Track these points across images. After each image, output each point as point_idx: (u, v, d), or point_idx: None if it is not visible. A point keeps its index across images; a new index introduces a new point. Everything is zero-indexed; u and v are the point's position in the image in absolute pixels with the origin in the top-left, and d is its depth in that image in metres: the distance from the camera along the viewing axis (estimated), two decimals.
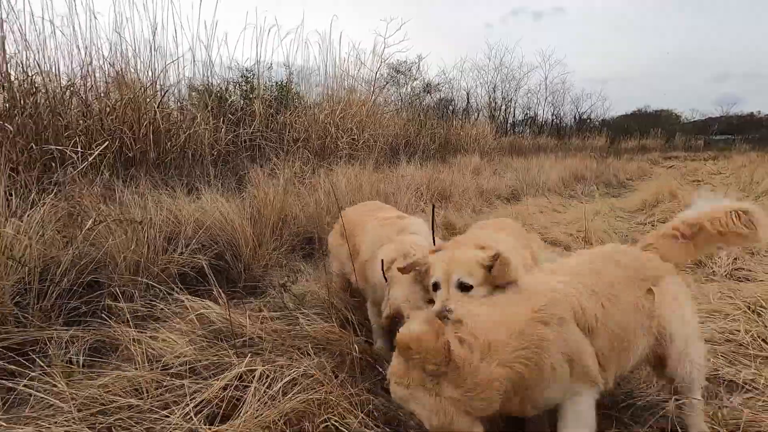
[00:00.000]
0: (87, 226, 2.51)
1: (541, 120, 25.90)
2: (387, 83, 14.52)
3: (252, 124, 5.43)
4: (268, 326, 2.10)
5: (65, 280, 2.23)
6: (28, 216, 2.37)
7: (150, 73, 4.15)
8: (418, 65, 18.07)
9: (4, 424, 1.42)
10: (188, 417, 1.46)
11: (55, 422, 1.42)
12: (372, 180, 5.30)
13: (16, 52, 3.72)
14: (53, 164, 3.60)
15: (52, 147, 3.51)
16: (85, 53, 3.88)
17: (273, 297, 2.75)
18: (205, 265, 2.63)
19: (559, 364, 1.33)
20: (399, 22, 10.40)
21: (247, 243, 3.24)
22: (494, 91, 23.93)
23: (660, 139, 29.28)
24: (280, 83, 7.06)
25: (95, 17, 3.90)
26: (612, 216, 6.01)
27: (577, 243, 4.59)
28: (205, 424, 1.46)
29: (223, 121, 5.03)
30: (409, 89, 17.73)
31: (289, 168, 4.76)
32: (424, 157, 8.96)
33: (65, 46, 3.73)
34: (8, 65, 3.68)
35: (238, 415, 1.47)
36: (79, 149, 3.52)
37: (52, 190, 2.98)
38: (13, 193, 2.81)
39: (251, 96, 6.38)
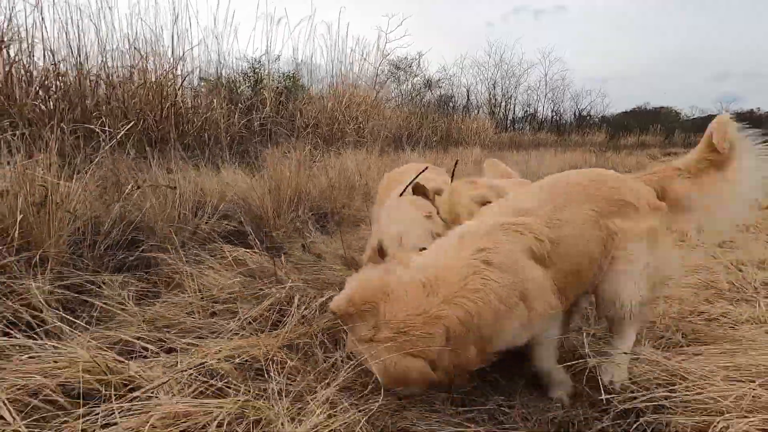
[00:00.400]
0: (126, 191, 2.78)
1: (540, 116, 26.24)
2: (387, 79, 14.84)
3: (263, 111, 5.70)
4: (297, 272, 2.38)
5: (113, 232, 2.51)
6: (75, 180, 2.64)
7: (171, 59, 4.43)
8: (419, 62, 18.37)
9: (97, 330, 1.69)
10: (241, 326, 1.73)
11: (130, 331, 1.69)
12: (378, 164, 5.58)
13: (46, 37, 3.99)
14: (81, 142, 3.88)
15: (82, 125, 3.79)
16: (109, 38, 4.16)
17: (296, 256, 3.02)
18: (241, 225, 2.91)
19: (513, 302, 1.29)
20: (400, 17, 10.72)
21: (267, 213, 3.52)
22: (494, 88, 24.29)
23: (659, 136, 29.59)
24: (287, 74, 7.35)
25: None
26: None
27: None
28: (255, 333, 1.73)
29: (236, 107, 5.30)
30: (409, 86, 18.07)
31: (300, 151, 5.05)
32: (426, 147, 9.25)
33: (91, 30, 3.99)
34: (32, 51, 3.96)
35: (283, 326, 1.75)
36: (106, 128, 3.80)
37: (89, 162, 3.26)
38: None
39: (259, 86, 6.67)
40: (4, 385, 1.19)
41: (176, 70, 4.45)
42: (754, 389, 1.18)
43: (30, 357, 1.36)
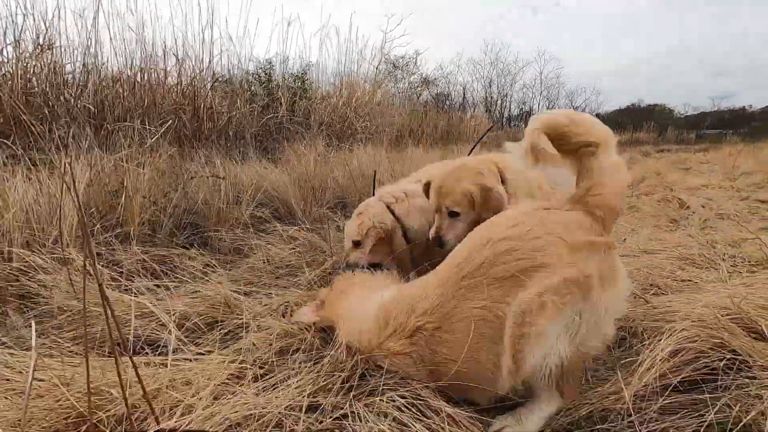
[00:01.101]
0: (184, 180, 3.24)
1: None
2: (385, 78, 15.31)
3: (279, 110, 6.15)
4: (339, 247, 2.86)
5: (180, 211, 2.97)
6: (142, 172, 3.10)
7: (200, 63, 4.88)
8: (416, 60, 18.89)
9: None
10: (309, 280, 2.21)
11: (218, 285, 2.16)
12: (388, 159, 6.06)
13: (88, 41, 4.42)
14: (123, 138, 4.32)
15: (122, 124, 4.23)
16: (145, 44, 4.60)
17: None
18: (276, 211, 3.37)
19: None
20: (399, 17, 11.18)
21: (297, 202, 3.98)
22: (490, 86, 24.84)
23: (652, 133, 30.35)
24: (297, 75, 7.80)
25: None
26: None
27: None
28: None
29: (253, 106, 5.76)
30: (406, 84, 18.55)
31: (317, 147, 5.52)
32: (427, 144, 9.75)
33: (131, 35, 4.44)
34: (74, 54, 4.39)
35: None
36: (147, 126, 4.25)
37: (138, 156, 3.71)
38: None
39: (270, 86, 7.12)
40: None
41: (204, 73, 4.90)
42: (695, 309, 1.68)
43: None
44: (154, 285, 2.10)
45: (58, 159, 3.16)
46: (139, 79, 4.52)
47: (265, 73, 7.80)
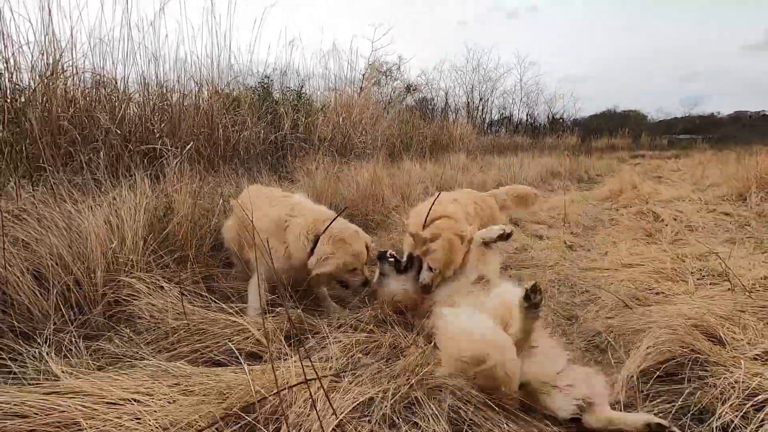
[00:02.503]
0: (221, 202, 3.62)
1: (516, 120, 27.78)
2: (372, 85, 15.77)
3: (281, 126, 6.53)
4: None
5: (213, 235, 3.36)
6: (185, 196, 3.46)
7: (212, 86, 5.22)
8: (399, 66, 19.42)
9: None
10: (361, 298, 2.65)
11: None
12: (386, 174, 6.52)
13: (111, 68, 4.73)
14: (144, 160, 4.64)
15: (145, 147, 4.56)
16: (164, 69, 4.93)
17: None
18: None
19: None
20: (386, 27, 11.61)
21: None
22: (472, 92, 25.59)
23: (627, 139, 31.74)
24: (296, 90, 8.17)
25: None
26: (584, 203, 7.46)
27: (558, 222, 5.96)
28: None
29: (260, 125, 6.13)
30: (390, 89, 19.07)
31: (322, 163, 5.93)
32: (418, 155, 10.25)
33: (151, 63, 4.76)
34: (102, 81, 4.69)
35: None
36: (169, 147, 4.58)
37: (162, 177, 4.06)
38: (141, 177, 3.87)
39: (270, 101, 7.47)
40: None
41: (222, 95, 5.25)
42: (667, 320, 2.21)
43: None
44: (215, 302, 2.50)
45: (104, 185, 3.50)
46: (159, 103, 4.84)
47: (264, 88, 8.15)
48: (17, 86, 4.35)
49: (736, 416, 1.66)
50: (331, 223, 2.65)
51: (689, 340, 2.08)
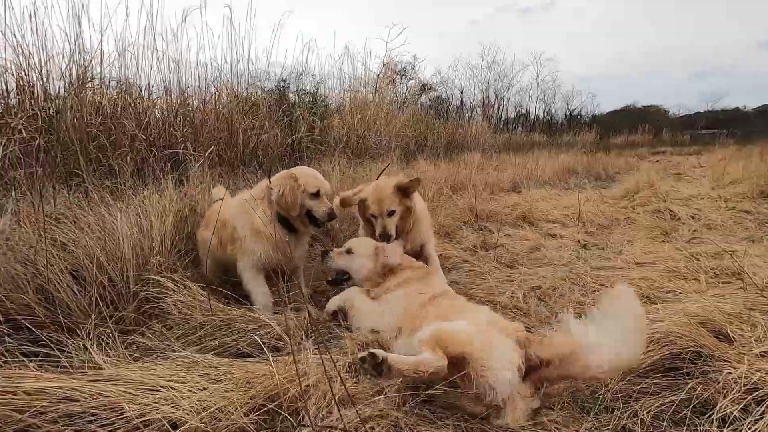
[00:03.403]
0: None
1: (533, 117, 27.55)
2: (387, 85, 15.91)
3: (298, 129, 6.70)
4: None
5: None
6: (206, 199, 3.64)
7: (232, 92, 5.42)
8: (413, 65, 19.51)
9: None
10: None
11: None
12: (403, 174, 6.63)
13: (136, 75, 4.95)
14: (167, 165, 4.85)
15: (169, 151, 4.77)
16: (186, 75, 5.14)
17: None
18: None
19: None
20: (400, 27, 11.69)
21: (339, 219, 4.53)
22: (487, 90, 25.50)
23: (647, 135, 31.11)
24: (311, 92, 8.34)
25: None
26: (600, 202, 7.44)
27: (573, 221, 5.98)
28: None
29: (277, 128, 6.31)
30: (404, 88, 19.17)
31: (338, 165, 6.07)
32: (432, 155, 10.34)
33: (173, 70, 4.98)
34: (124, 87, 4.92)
35: None
36: (191, 151, 4.78)
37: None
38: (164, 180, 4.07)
39: (284, 104, 7.66)
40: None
41: (241, 100, 5.44)
42: (673, 317, 2.28)
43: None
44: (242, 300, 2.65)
45: (131, 188, 3.70)
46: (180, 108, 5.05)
47: (280, 91, 8.35)
48: (49, 95, 4.61)
49: (736, 409, 1.72)
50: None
51: (694, 336, 2.14)
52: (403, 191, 3.09)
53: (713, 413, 1.73)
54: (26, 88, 4.42)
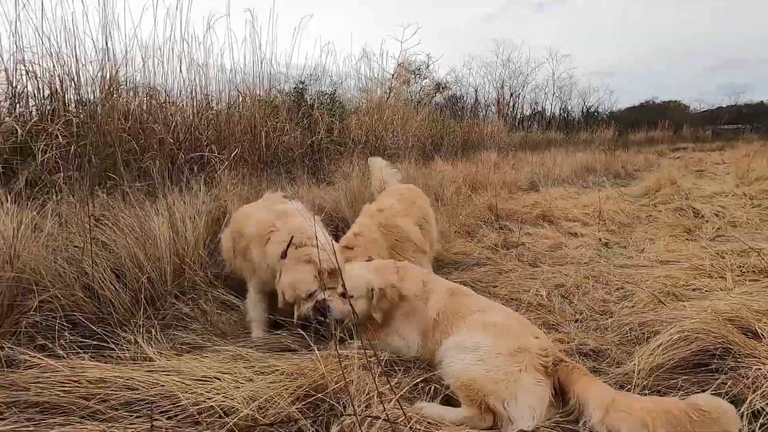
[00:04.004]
0: None
1: (549, 114, 27.28)
2: (401, 85, 15.98)
3: (316, 130, 6.82)
4: None
5: None
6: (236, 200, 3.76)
7: (255, 95, 5.56)
8: (428, 65, 19.53)
9: None
10: None
11: None
12: (419, 175, 6.70)
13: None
14: (194, 167, 5.00)
15: (196, 154, 4.92)
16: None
17: None
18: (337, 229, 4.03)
19: None
20: (414, 27, 11.73)
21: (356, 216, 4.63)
22: (502, 87, 25.37)
23: (667, 131, 30.54)
24: (329, 93, 8.46)
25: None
26: (620, 200, 7.40)
27: (593, 220, 5.98)
28: None
29: (297, 129, 6.43)
30: (418, 87, 19.21)
31: (355, 165, 6.17)
32: (449, 154, 10.38)
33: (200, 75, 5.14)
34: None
35: None
36: (216, 154, 4.93)
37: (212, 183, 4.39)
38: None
39: (303, 106, 7.79)
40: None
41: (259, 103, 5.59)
42: (700, 314, 2.31)
43: None
44: None
45: (161, 190, 3.84)
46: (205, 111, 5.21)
47: (298, 93, 8.48)
48: (81, 101, 4.80)
49: (767, 404, 1.76)
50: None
51: (723, 332, 2.17)
52: None
53: (743, 408, 1.77)
54: (60, 94, 4.62)
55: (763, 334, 2.29)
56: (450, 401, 1.81)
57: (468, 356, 1.77)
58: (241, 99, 5.40)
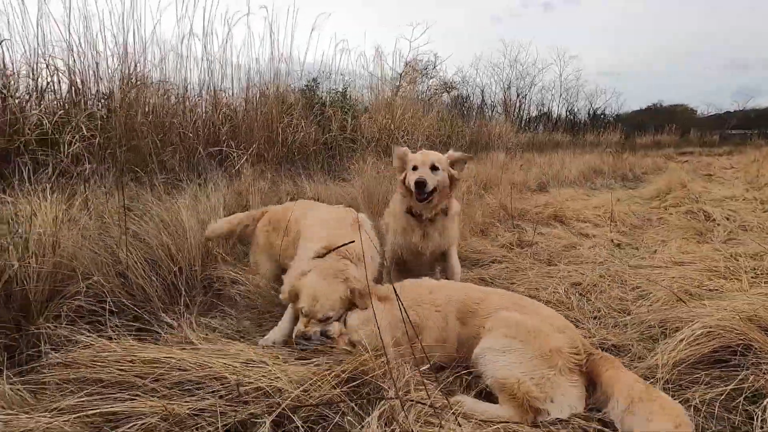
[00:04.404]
0: (287, 200, 3.98)
1: (555, 116, 27.30)
2: (409, 83, 16.04)
3: (330, 128, 6.90)
4: None
5: None
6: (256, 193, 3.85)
7: (272, 92, 5.65)
8: (435, 64, 19.58)
9: None
10: None
11: None
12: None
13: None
14: (213, 161, 5.10)
15: (215, 149, 5.02)
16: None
17: None
18: None
19: None
20: (424, 26, 11.78)
21: (373, 213, 4.71)
22: (509, 88, 25.42)
23: (674, 135, 30.52)
24: (341, 91, 8.54)
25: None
26: (631, 202, 7.46)
27: (604, 221, 6.04)
28: None
29: (312, 126, 6.52)
30: (425, 87, 19.27)
31: (371, 163, 6.25)
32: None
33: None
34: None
35: None
36: (234, 150, 5.02)
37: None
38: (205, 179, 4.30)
39: (316, 104, 7.87)
40: None
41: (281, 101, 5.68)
42: (719, 312, 2.38)
43: None
44: None
45: (184, 184, 3.93)
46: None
47: (311, 90, 8.56)
48: (103, 94, 4.90)
49: None
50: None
51: (744, 329, 2.24)
52: (452, 164, 3.03)
53: (765, 402, 1.84)
54: (82, 88, 4.71)
55: None
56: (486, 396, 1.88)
57: (505, 358, 1.85)
58: (258, 96, 5.49)
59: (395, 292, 1.79)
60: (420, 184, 2.78)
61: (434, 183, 2.86)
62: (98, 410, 1.41)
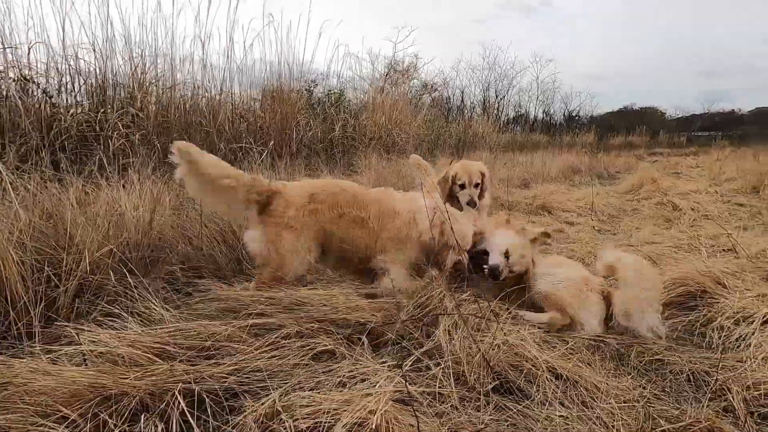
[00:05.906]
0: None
1: (532, 117, 28.58)
2: (391, 85, 16.75)
3: (334, 127, 7.50)
4: None
5: None
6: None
7: (286, 93, 6.21)
8: (415, 65, 20.36)
9: None
10: None
11: None
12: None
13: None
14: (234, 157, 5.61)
15: (236, 145, 5.54)
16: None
17: None
18: None
19: None
20: (408, 29, 12.47)
21: None
22: (488, 90, 26.52)
23: (645, 136, 32.32)
24: (337, 92, 9.15)
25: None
26: (608, 195, 8.33)
27: (586, 212, 6.86)
28: None
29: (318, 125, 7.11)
30: (406, 88, 20.03)
31: (371, 159, 6.89)
32: (447, 153, 11.21)
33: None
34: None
35: None
36: (253, 146, 5.56)
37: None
38: None
39: (320, 104, 8.45)
40: None
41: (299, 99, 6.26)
42: (688, 270, 3.13)
43: None
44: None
45: None
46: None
47: (308, 91, 9.13)
48: (133, 92, 5.35)
49: (729, 322, 2.56)
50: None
51: (701, 280, 2.98)
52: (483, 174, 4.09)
53: (714, 324, 2.57)
54: (114, 85, 5.16)
55: (728, 285, 3.11)
56: None
57: (553, 279, 2.65)
58: (273, 96, 6.05)
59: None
60: (472, 203, 3.96)
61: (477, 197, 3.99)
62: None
